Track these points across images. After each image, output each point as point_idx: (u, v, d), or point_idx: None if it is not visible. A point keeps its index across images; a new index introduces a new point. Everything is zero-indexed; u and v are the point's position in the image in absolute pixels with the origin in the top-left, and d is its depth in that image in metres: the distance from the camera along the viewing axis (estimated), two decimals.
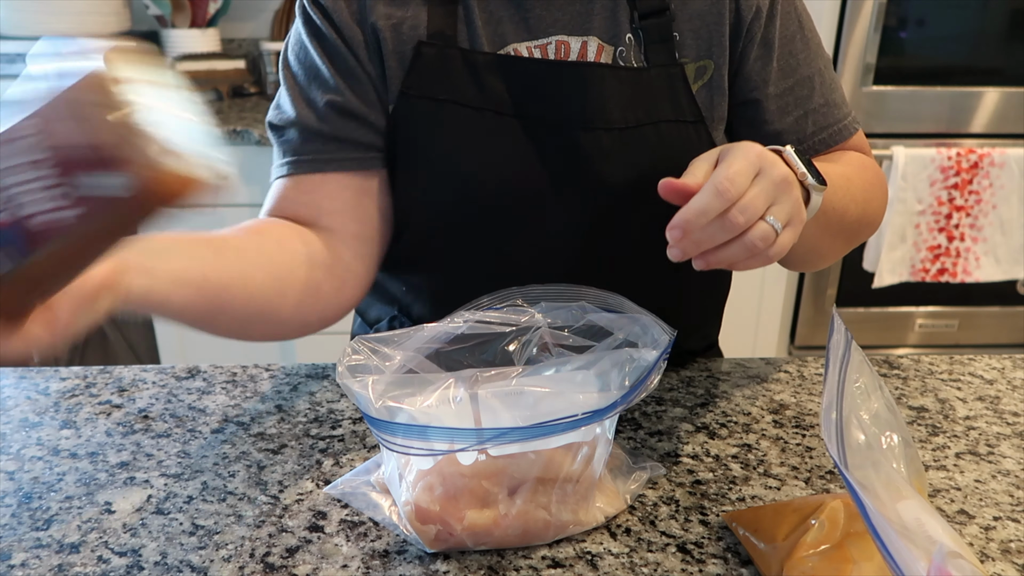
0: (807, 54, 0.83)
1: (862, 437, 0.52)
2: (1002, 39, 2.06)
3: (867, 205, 0.81)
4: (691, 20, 0.79)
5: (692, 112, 0.79)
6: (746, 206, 0.59)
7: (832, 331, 0.58)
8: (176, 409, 0.80)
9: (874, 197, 0.83)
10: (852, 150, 0.87)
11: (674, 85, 0.79)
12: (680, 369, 0.89)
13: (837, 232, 0.80)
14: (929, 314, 2.28)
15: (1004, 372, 0.90)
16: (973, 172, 2.06)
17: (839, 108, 0.85)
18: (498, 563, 0.59)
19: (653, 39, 0.78)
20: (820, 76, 0.84)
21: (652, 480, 0.69)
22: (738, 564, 0.59)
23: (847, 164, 0.82)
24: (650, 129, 0.78)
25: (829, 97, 0.85)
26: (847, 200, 0.76)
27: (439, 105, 0.77)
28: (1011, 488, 0.69)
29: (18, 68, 2.21)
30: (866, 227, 0.85)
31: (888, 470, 0.51)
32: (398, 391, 0.59)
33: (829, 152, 0.85)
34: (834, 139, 0.85)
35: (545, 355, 0.67)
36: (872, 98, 2.06)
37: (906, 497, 0.50)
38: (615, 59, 0.78)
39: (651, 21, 0.78)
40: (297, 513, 0.64)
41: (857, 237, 0.86)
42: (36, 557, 0.59)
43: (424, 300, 0.87)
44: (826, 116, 0.84)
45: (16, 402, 0.81)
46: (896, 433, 0.56)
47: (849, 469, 0.48)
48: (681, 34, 0.79)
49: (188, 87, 0.47)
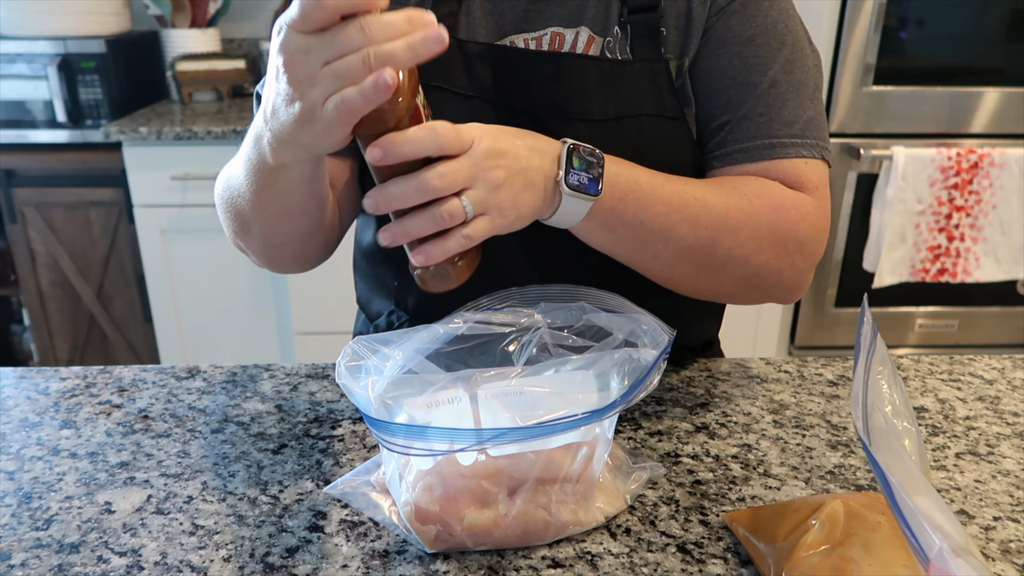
0: (761, 60, 0.78)
1: (884, 425, 0.52)
2: (1002, 39, 2.06)
3: (721, 234, 0.73)
4: (677, 18, 0.79)
5: (674, 108, 0.79)
6: (445, 172, 0.59)
7: (862, 319, 0.58)
8: (176, 409, 0.80)
9: (740, 229, 0.73)
10: (782, 177, 0.77)
11: (657, 80, 0.78)
12: (680, 369, 0.89)
13: (662, 250, 0.73)
14: (929, 314, 2.28)
15: (1004, 372, 0.90)
16: (973, 172, 2.06)
17: (784, 126, 0.77)
18: (498, 563, 0.59)
19: (640, 34, 0.79)
20: (773, 87, 0.77)
21: (652, 480, 0.69)
22: (738, 564, 0.59)
23: (722, 186, 0.75)
24: (630, 122, 0.78)
25: (776, 112, 0.77)
26: (676, 219, 0.71)
27: (429, 91, 0.78)
28: (1011, 488, 0.69)
29: (18, 68, 2.21)
30: (727, 260, 0.75)
31: (908, 461, 0.51)
32: (398, 391, 0.59)
33: (743, 165, 0.78)
34: (757, 153, 0.77)
35: (545, 355, 0.67)
36: (872, 98, 2.06)
37: (921, 493, 0.50)
38: (603, 50, 0.79)
39: (640, 16, 0.78)
40: (297, 513, 0.64)
41: (715, 268, 0.75)
42: (36, 557, 0.59)
43: (416, 291, 0.87)
44: (758, 128, 0.77)
45: (16, 402, 0.81)
46: (913, 428, 0.56)
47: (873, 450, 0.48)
48: (667, 31, 0.79)
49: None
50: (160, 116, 2.26)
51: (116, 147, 2.16)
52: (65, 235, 2.28)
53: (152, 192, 2.17)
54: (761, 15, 0.78)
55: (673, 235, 0.72)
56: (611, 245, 0.73)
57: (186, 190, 2.16)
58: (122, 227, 2.26)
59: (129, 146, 2.13)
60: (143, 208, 2.19)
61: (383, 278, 0.91)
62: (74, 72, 2.21)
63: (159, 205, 2.18)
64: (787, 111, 0.78)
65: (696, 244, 0.73)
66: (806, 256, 0.78)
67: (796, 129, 0.78)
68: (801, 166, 0.78)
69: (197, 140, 2.10)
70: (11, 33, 2.23)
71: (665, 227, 0.71)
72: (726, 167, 0.79)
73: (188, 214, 2.19)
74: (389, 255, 0.88)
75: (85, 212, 2.26)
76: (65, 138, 2.23)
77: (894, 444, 0.51)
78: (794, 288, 0.80)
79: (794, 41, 0.79)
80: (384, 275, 0.91)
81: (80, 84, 2.22)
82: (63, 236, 2.28)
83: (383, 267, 0.90)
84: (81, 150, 2.24)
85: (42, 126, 2.24)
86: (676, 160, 0.77)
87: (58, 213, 2.26)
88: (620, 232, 0.71)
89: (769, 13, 0.78)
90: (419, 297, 0.88)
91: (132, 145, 2.12)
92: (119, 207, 2.24)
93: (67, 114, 2.23)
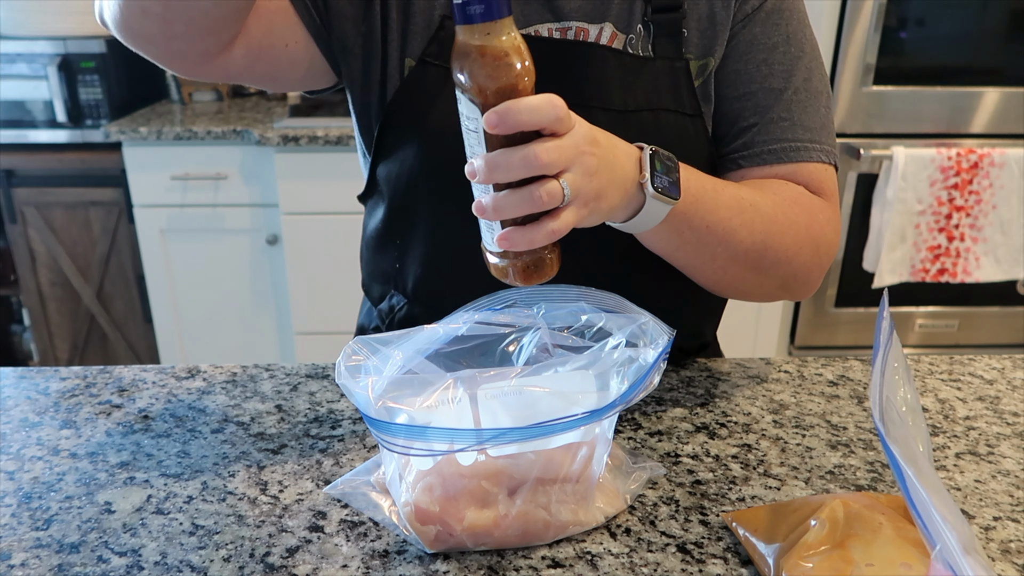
0: (785, 68, 0.81)
1: (898, 420, 0.53)
2: (1002, 39, 2.06)
3: (771, 238, 0.76)
4: (700, 20, 0.81)
5: (692, 106, 0.81)
6: (552, 148, 0.57)
7: (881, 314, 0.58)
8: (176, 409, 0.80)
9: (786, 233, 0.77)
10: (807, 181, 0.82)
11: (677, 78, 0.80)
12: (680, 369, 0.89)
13: (720, 253, 0.75)
14: (929, 314, 2.28)
15: (1004, 372, 0.90)
16: (973, 172, 2.06)
17: (806, 131, 0.81)
18: (498, 563, 0.59)
19: (662, 32, 0.80)
20: (796, 94, 0.81)
21: (652, 480, 0.69)
22: (738, 564, 0.59)
23: (764, 191, 0.78)
24: (648, 115, 0.79)
25: (798, 117, 0.81)
26: (736, 224, 0.74)
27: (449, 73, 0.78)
28: (1011, 488, 0.69)
29: (18, 68, 2.21)
30: (774, 262, 0.78)
31: (921, 459, 0.51)
32: (397, 392, 0.59)
33: (773, 167, 0.81)
34: (785, 155, 0.81)
35: (545, 355, 0.67)
36: (872, 98, 2.06)
37: (932, 490, 0.50)
38: (625, 46, 0.80)
39: (663, 16, 0.80)
40: (297, 513, 0.64)
41: (762, 270, 0.78)
42: (36, 557, 0.59)
43: (414, 273, 0.88)
44: (784, 131, 0.81)
45: (16, 402, 0.81)
46: (923, 427, 0.56)
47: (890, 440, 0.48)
48: (689, 31, 0.81)
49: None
50: (160, 116, 2.26)
51: (116, 147, 2.16)
52: (65, 235, 2.28)
53: (152, 192, 2.17)
54: (784, 24, 0.81)
55: (733, 239, 0.74)
56: (674, 249, 0.74)
57: (186, 190, 2.16)
58: (122, 227, 2.26)
59: (129, 146, 2.13)
60: (143, 208, 2.19)
61: (382, 264, 0.92)
62: (74, 72, 2.21)
63: (159, 205, 2.18)
64: (807, 117, 0.81)
65: (752, 247, 0.76)
66: (830, 257, 0.83)
67: (814, 134, 0.81)
68: (822, 172, 0.82)
69: (197, 140, 2.10)
70: (11, 33, 2.23)
71: (727, 231, 0.73)
72: (756, 167, 0.82)
73: (188, 214, 2.19)
74: (393, 241, 0.88)
75: (85, 212, 2.26)
76: (65, 138, 2.23)
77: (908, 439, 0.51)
78: (815, 286, 0.85)
79: (811, 50, 0.83)
80: (383, 260, 0.91)
81: (80, 84, 2.22)
82: (63, 236, 2.28)
83: (386, 252, 0.90)
84: (81, 150, 2.24)
85: (42, 126, 2.24)
86: (691, 156, 0.77)
87: (58, 213, 2.26)
88: (686, 236, 0.72)
89: (790, 22, 0.82)
90: (417, 280, 0.88)
91: (132, 145, 2.12)
92: (119, 207, 2.24)
93: (67, 114, 2.23)
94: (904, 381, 0.57)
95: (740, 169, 0.82)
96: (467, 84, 0.57)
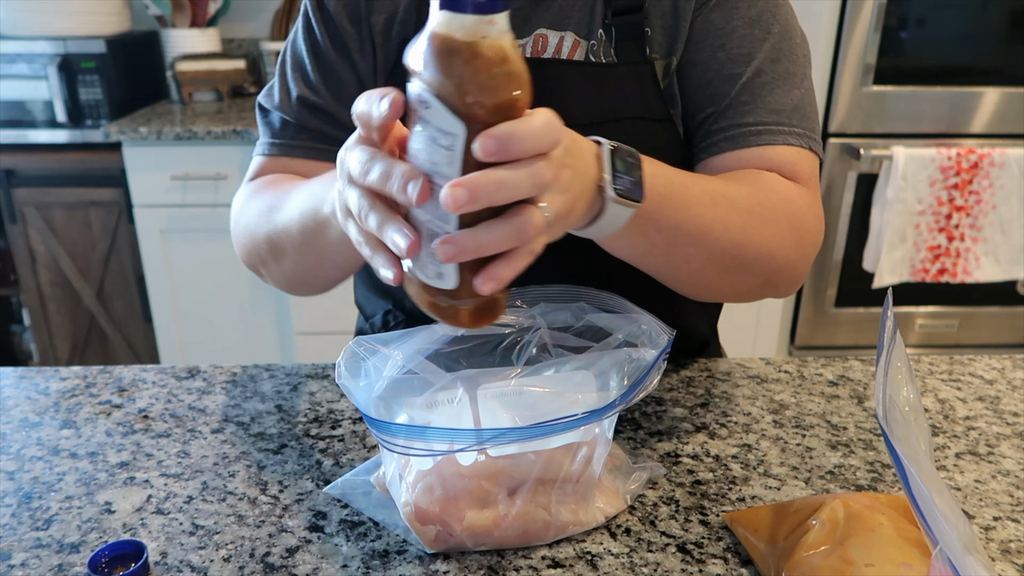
0: (745, 51, 0.75)
1: (902, 419, 0.53)
2: (1002, 39, 2.06)
3: (750, 232, 0.69)
4: (663, 17, 0.78)
5: (660, 110, 0.78)
6: (545, 168, 0.48)
7: (885, 313, 0.57)
8: (176, 409, 0.80)
9: (765, 225, 0.70)
10: (777, 167, 0.75)
11: (642, 83, 0.77)
12: (680, 369, 0.89)
13: (695, 254, 0.68)
14: (929, 314, 2.28)
15: (1004, 372, 0.90)
16: (973, 172, 2.06)
17: (772, 113, 0.75)
18: (498, 563, 0.59)
19: (624, 36, 0.78)
20: (759, 75, 0.75)
21: (652, 480, 0.69)
22: (738, 564, 0.59)
23: (738, 181, 0.72)
24: (613, 126, 0.77)
25: (762, 100, 0.75)
26: (709, 219, 0.66)
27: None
28: (1011, 488, 0.69)
29: (18, 68, 2.21)
30: (756, 258, 0.71)
31: (924, 458, 0.51)
32: (398, 391, 0.59)
33: (736, 153, 0.75)
34: (744, 140, 0.75)
35: (544, 355, 0.67)
36: (872, 98, 2.06)
37: (934, 490, 0.50)
38: (587, 54, 0.78)
39: (624, 18, 0.77)
40: (297, 513, 0.64)
41: (743, 268, 0.71)
42: (36, 557, 0.59)
43: None
44: (743, 115, 0.75)
45: (16, 402, 0.81)
46: (924, 428, 0.56)
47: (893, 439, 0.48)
48: (653, 30, 0.78)
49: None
50: (160, 116, 2.26)
51: (116, 147, 2.16)
52: (65, 235, 2.28)
53: (152, 192, 2.17)
54: (744, 7, 0.76)
55: (708, 237, 0.66)
56: (640, 254, 0.66)
57: (186, 190, 2.16)
58: (122, 227, 2.26)
59: (129, 146, 2.13)
60: (143, 208, 2.19)
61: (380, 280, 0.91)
62: (74, 72, 2.21)
63: (159, 205, 2.18)
64: (772, 99, 0.75)
65: (729, 244, 0.68)
66: (815, 247, 0.77)
67: (783, 116, 0.75)
68: (794, 155, 0.75)
69: (197, 140, 2.10)
70: (11, 33, 2.23)
71: (700, 229, 0.66)
72: (713, 156, 0.77)
73: (188, 214, 2.19)
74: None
75: (85, 212, 2.26)
76: (65, 138, 2.23)
77: (911, 439, 0.51)
78: (800, 281, 0.78)
79: (781, 31, 0.77)
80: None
81: (80, 84, 2.22)
82: (63, 236, 2.28)
83: None
84: (81, 150, 2.24)
85: (42, 126, 2.24)
86: (663, 162, 0.77)
87: (58, 213, 2.26)
88: (654, 238, 0.64)
89: (754, 4, 0.77)
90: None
91: (132, 145, 2.12)
92: (119, 207, 2.24)
93: (67, 114, 2.23)
94: (907, 381, 0.57)
95: (701, 162, 0.78)
96: (448, 92, 0.44)
